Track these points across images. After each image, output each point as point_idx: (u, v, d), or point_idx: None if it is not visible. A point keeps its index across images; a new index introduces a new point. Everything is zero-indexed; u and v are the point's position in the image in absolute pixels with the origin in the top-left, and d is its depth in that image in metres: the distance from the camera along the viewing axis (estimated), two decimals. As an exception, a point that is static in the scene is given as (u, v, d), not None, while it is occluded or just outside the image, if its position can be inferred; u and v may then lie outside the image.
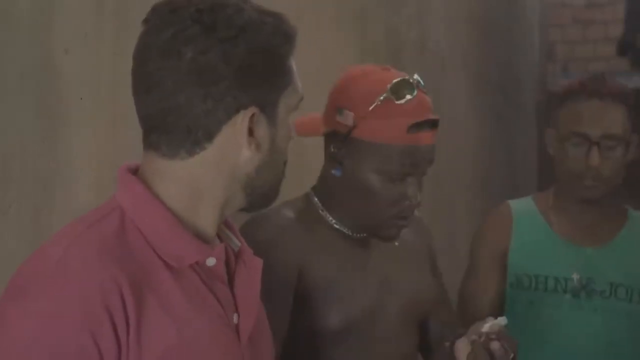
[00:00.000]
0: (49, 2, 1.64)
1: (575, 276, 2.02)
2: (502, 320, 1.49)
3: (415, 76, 1.57)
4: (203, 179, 1.17)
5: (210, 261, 1.19)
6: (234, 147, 1.16)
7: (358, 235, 1.67)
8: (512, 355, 1.48)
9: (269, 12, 1.19)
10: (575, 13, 6.14)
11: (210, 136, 1.15)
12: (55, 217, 1.65)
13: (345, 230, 1.66)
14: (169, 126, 1.15)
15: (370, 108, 1.53)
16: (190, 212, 1.18)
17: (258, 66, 1.14)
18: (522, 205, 2.14)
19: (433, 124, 1.57)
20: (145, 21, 1.18)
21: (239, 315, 1.22)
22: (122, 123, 1.80)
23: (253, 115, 1.15)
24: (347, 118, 1.56)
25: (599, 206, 2.06)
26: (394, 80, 1.55)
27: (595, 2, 6.08)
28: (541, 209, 2.11)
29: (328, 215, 1.65)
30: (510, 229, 2.09)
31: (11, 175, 1.56)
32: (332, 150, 1.59)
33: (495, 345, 1.46)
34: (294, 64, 1.21)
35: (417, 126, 1.54)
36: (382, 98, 1.53)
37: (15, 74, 1.56)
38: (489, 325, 1.48)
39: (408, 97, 1.53)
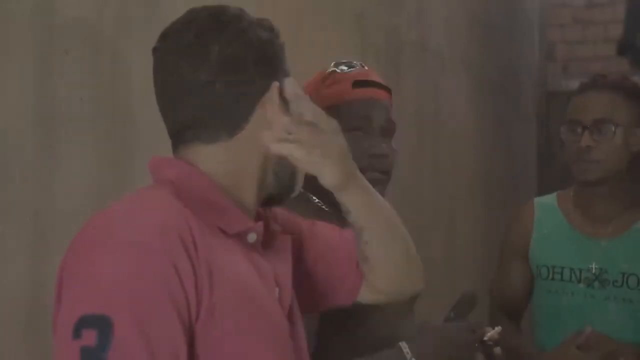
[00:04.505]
0: (49, 2, 1.64)
1: (590, 267, 2.19)
2: (498, 329, 1.66)
3: (357, 62, 1.81)
4: (243, 158, 1.26)
5: (252, 237, 1.25)
6: (266, 123, 1.25)
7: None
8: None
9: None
10: (575, 13, 6.14)
11: (246, 117, 1.25)
12: (55, 217, 1.65)
13: (335, 213, 1.71)
14: (208, 120, 1.24)
15: (323, 82, 1.75)
16: (233, 189, 1.26)
17: (268, 53, 1.27)
18: (544, 201, 2.32)
19: (380, 86, 1.79)
20: (160, 43, 1.26)
21: (279, 290, 1.28)
22: (122, 123, 1.80)
23: (278, 88, 1.25)
24: None
25: (613, 199, 2.20)
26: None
27: (595, 2, 6.08)
28: (561, 204, 2.27)
29: (319, 202, 1.71)
30: (532, 223, 2.28)
31: (11, 175, 1.56)
32: None
33: (498, 351, 1.64)
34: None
35: (361, 84, 1.74)
36: (329, 72, 1.77)
37: (15, 74, 1.56)
38: (489, 335, 1.65)
39: (344, 68, 1.77)
